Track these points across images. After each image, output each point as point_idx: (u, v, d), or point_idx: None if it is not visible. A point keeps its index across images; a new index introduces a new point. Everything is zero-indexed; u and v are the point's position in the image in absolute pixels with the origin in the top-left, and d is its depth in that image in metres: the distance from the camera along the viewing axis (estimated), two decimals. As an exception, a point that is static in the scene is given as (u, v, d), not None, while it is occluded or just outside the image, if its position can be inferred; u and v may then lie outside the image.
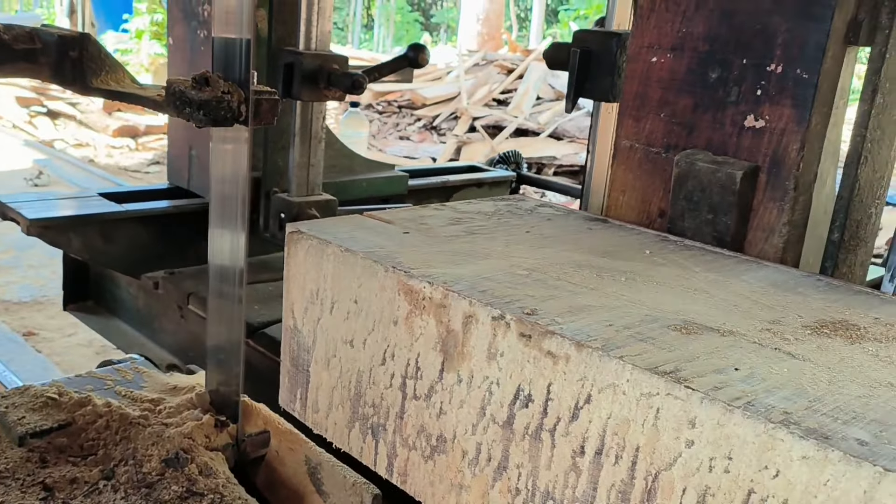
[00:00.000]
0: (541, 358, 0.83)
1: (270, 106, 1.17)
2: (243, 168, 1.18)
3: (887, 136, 1.27)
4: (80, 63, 1.23)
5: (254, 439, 1.29)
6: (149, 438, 1.20)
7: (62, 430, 1.24)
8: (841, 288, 1.06)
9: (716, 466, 0.70)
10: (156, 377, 1.47)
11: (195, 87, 1.10)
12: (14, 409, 1.27)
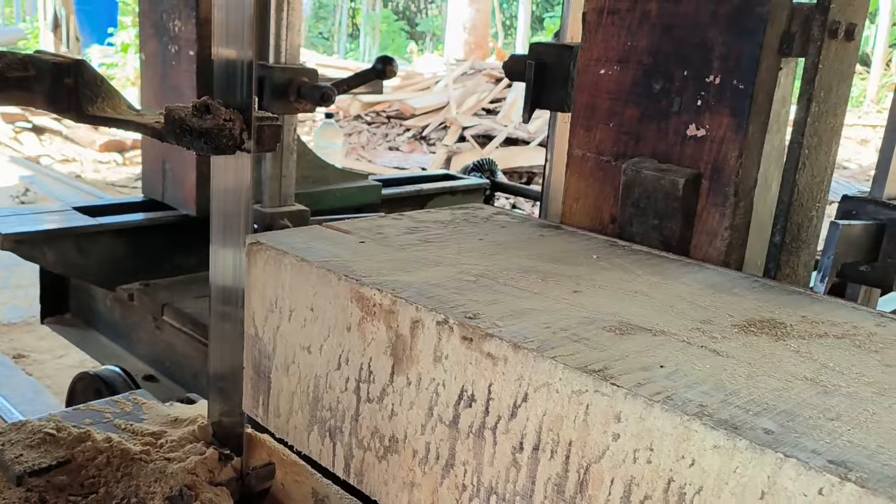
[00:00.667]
0: (482, 359, 0.87)
1: (272, 132, 1.16)
2: (246, 181, 1.15)
3: (825, 143, 1.32)
4: (76, 90, 1.21)
5: (258, 472, 1.26)
6: (151, 475, 1.17)
7: (62, 468, 1.20)
8: (775, 288, 1.11)
9: (639, 458, 0.75)
10: (156, 408, 1.44)
11: (196, 114, 1.08)
12: (11, 446, 1.24)
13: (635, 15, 1.32)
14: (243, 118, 1.10)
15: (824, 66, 1.24)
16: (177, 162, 2.52)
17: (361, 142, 9.98)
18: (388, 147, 9.83)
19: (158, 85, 2.57)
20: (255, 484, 1.25)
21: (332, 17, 23.79)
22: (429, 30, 24.00)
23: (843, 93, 1.32)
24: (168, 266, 2.51)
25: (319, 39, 22.72)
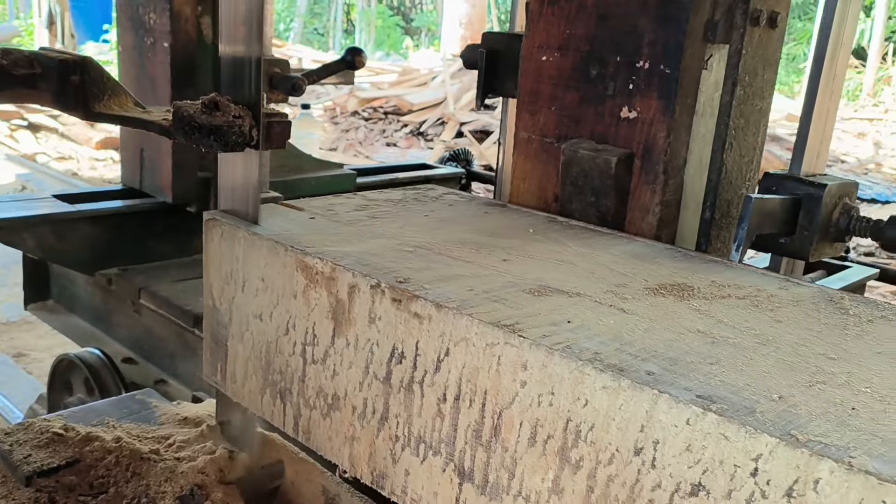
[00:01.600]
0: (410, 319, 0.95)
1: (282, 129, 1.14)
2: (254, 178, 1.15)
3: (752, 124, 1.40)
4: (83, 88, 1.19)
5: (268, 471, 1.25)
6: (161, 474, 1.16)
7: (70, 468, 1.19)
8: (695, 258, 1.19)
9: (542, 401, 0.82)
10: (164, 408, 1.44)
11: (205, 111, 1.06)
12: (19, 446, 1.23)
13: (573, 4, 1.39)
14: (252, 115, 1.08)
15: (747, 52, 1.32)
16: (153, 151, 2.58)
17: (359, 137, 10.03)
18: (385, 143, 9.89)
19: (136, 76, 2.64)
20: (265, 483, 1.24)
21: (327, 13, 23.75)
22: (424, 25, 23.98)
23: (768, 77, 1.40)
24: (145, 252, 2.58)
25: (315, 35, 22.68)
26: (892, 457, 0.63)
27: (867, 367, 0.81)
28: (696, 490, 0.71)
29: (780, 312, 0.97)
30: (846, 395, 0.74)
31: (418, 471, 0.97)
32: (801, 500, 0.65)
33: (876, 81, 14.37)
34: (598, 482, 0.78)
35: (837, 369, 0.81)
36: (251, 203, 1.16)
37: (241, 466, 1.22)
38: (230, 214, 1.21)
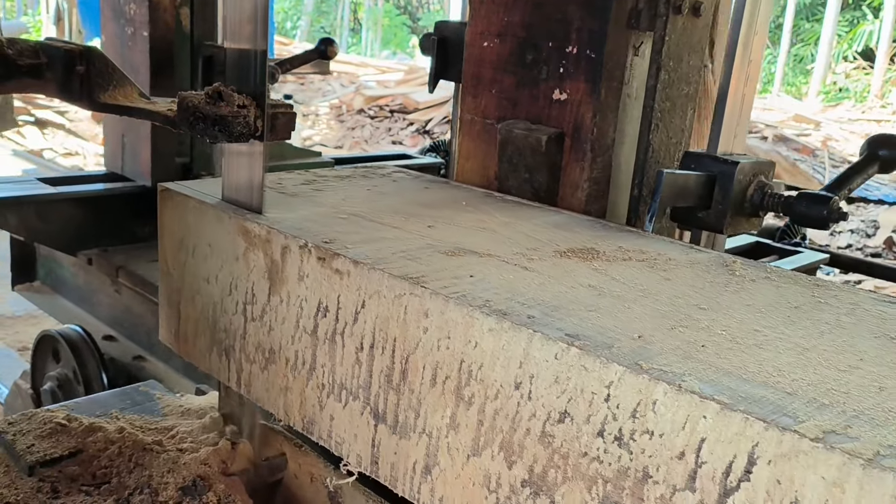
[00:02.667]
0: (332, 275, 1.03)
1: (287, 120, 1.15)
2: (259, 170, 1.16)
3: (678, 107, 1.49)
4: (88, 78, 1.18)
5: (271, 463, 1.25)
6: (164, 465, 1.17)
7: (73, 458, 1.19)
8: (612, 228, 1.27)
9: (441, 345, 0.91)
10: (167, 400, 1.44)
11: (209, 101, 1.06)
12: (22, 436, 1.23)
13: (511, -7, 1.48)
14: (257, 105, 1.08)
15: (671, 39, 1.40)
16: (134, 136, 2.67)
17: (364, 135, 10.10)
18: (391, 141, 9.96)
19: (118, 65, 2.71)
20: (267, 475, 1.24)
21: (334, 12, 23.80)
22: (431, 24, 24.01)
23: (694, 63, 1.48)
24: (126, 233, 2.66)
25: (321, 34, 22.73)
26: (718, 381, 0.72)
27: (732, 316, 0.90)
28: (563, 417, 0.79)
29: (671, 272, 1.05)
30: (701, 336, 0.83)
31: (341, 415, 1.05)
32: (642, 420, 0.73)
33: (884, 83, 14.38)
34: (486, 416, 0.87)
35: (703, 317, 0.89)
36: (255, 194, 1.16)
37: (244, 458, 1.23)
38: (230, 203, 1.21)
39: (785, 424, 0.64)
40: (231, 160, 1.19)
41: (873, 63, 14.91)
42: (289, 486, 1.26)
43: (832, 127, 9.55)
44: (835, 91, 15.36)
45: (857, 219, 7.06)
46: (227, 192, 1.21)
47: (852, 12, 16.99)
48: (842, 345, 0.84)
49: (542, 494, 0.82)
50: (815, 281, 1.06)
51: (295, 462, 1.23)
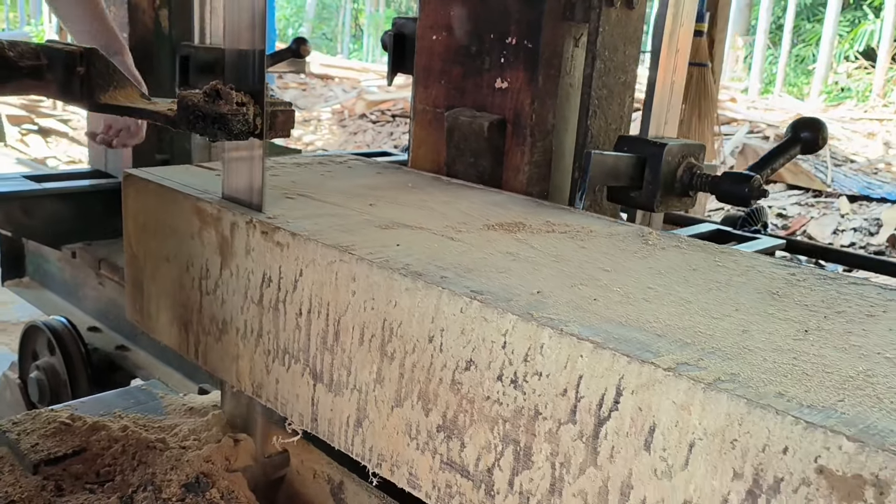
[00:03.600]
0: (274, 248, 1.11)
1: (286, 118, 1.15)
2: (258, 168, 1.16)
3: (616, 95, 1.56)
4: (88, 79, 1.19)
5: (273, 460, 1.26)
6: (167, 462, 1.17)
7: (77, 457, 1.20)
8: (545, 206, 1.35)
9: (367, 306, 0.98)
10: (170, 399, 1.45)
11: (208, 100, 1.06)
12: (26, 435, 1.24)
13: (456, -11, 1.55)
14: (255, 102, 1.09)
15: (605, 30, 1.48)
16: (116, 134, 2.74)
17: (367, 140, 10.16)
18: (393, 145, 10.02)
19: (100, 65, 2.79)
20: (270, 472, 1.24)
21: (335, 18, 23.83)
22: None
23: (630, 53, 1.56)
24: (109, 228, 2.73)
25: (323, 40, 22.76)
26: (598, 326, 0.79)
27: (632, 277, 0.98)
28: (469, 365, 0.87)
29: (588, 242, 1.13)
30: (596, 292, 0.91)
31: (285, 378, 1.13)
32: (532, 363, 0.81)
33: (886, 82, 14.37)
34: (406, 369, 0.95)
35: (605, 277, 0.97)
36: (255, 192, 1.16)
37: (247, 455, 1.23)
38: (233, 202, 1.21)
39: (645, 358, 0.72)
40: (230, 159, 1.19)
41: (875, 62, 14.93)
42: (291, 482, 1.26)
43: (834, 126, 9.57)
44: (836, 91, 15.33)
45: (860, 217, 7.04)
46: (228, 191, 1.21)
47: (853, 12, 16.98)
48: (724, 299, 0.91)
49: (454, 437, 0.90)
50: (721, 249, 1.14)
51: (297, 458, 1.24)
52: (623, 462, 0.74)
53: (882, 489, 0.58)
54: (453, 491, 0.91)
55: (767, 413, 0.64)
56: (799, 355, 0.75)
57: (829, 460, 0.60)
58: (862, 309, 0.91)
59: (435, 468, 0.93)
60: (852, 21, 16.86)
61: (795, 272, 1.04)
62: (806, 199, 7.28)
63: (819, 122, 1.50)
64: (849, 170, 8.10)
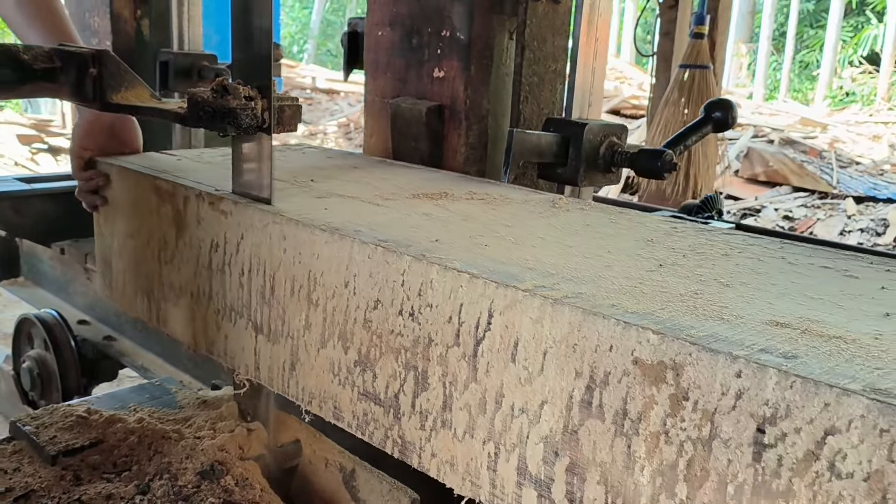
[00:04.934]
0: (220, 216, 1.22)
1: (293, 112, 1.16)
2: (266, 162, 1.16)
3: (547, 82, 1.68)
4: (100, 80, 1.20)
5: (286, 449, 1.27)
6: (182, 452, 1.19)
7: (94, 448, 1.22)
8: (474, 180, 1.47)
9: (295, 261, 1.10)
10: (184, 394, 1.48)
11: (216, 95, 1.07)
12: (45, 428, 1.26)
13: (398, -12, 1.68)
14: (262, 97, 1.10)
15: (532, 22, 1.60)
16: (101, 137, 2.86)
17: None
18: None
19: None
20: (283, 461, 1.26)
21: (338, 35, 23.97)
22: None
23: (559, 44, 1.68)
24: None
25: (328, 56, 22.86)
26: (479, 264, 0.91)
27: (528, 231, 1.09)
28: (377, 304, 0.98)
29: (502, 207, 1.24)
30: (490, 241, 1.02)
31: (231, 333, 1.24)
32: (426, 295, 0.92)
33: (890, 86, 14.36)
34: (328, 313, 1.06)
35: (504, 231, 1.08)
36: (264, 186, 1.16)
37: (260, 444, 1.25)
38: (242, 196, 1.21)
39: (510, 283, 0.83)
40: (239, 154, 1.20)
41: (879, 66, 14.95)
42: (304, 471, 1.28)
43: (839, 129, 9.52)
44: (841, 95, 15.32)
45: (867, 218, 6.93)
46: (237, 187, 1.21)
47: (856, 17, 16.97)
48: (603, 245, 1.03)
49: (368, 370, 1.01)
50: (620, 210, 1.26)
51: (310, 448, 1.26)
52: (496, 375, 0.85)
53: (678, 371, 0.69)
54: (369, 418, 1.02)
55: (598, 318, 0.75)
56: (644, 281, 0.86)
57: (641, 352, 0.72)
58: (721, 250, 1.02)
59: (353, 399, 1.04)
60: (856, 26, 16.83)
61: (678, 226, 1.15)
62: (812, 200, 7.20)
63: (729, 103, 1.61)
64: (854, 171, 8.02)
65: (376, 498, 1.12)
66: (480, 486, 0.89)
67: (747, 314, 0.76)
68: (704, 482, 0.68)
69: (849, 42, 16.43)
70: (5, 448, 1.25)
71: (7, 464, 1.19)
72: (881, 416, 0.58)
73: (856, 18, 17.02)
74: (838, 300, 0.82)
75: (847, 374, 0.62)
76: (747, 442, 0.65)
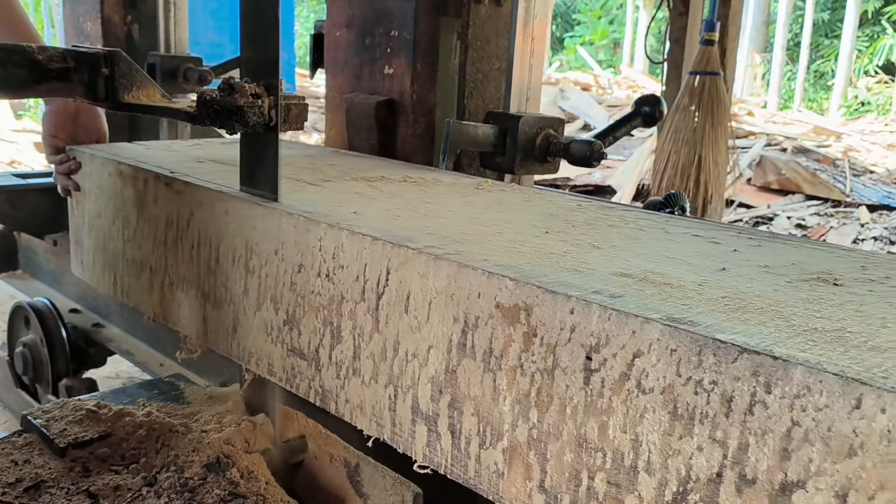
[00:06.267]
0: (173, 195, 1.33)
1: (300, 111, 1.17)
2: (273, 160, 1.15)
3: (491, 79, 1.79)
4: (112, 80, 1.22)
5: (291, 444, 1.28)
6: (189, 445, 1.20)
7: (103, 441, 1.24)
8: (415, 167, 1.57)
9: (237, 233, 1.20)
10: (192, 390, 1.50)
11: (224, 94, 1.08)
12: (55, 422, 1.28)
13: (353, -8, 1.78)
14: (269, 95, 1.10)
15: (475, 23, 1.71)
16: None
17: None
18: None
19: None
20: (288, 456, 1.26)
21: None
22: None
23: (502, 43, 1.78)
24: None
25: None
26: (386, 230, 1.00)
27: (444, 206, 1.19)
28: (300, 268, 1.09)
29: (430, 188, 1.35)
30: (404, 213, 1.12)
31: (183, 302, 1.35)
32: (337, 259, 1.02)
33: None
34: (262, 279, 1.16)
35: (422, 207, 1.18)
36: (271, 183, 1.16)
37: (266, 439, 1.26)
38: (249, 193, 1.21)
39: (404, 244, 0.93)
40: (246, 152, 1.20)
41: (894, 76, 14.84)
42: (309, 466, 1.28)
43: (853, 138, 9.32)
44: (856, 105, 15.16)
45: (880, 226, 6.75)
46: (244, 184, 1.21)
47: (872, 27, 16.81)
48: (506, 217, 1.13)
49: (294, 328, 1.11)
50: (537, 191, 1.36)
51: (315, 444, 1.28)
52: (394, 325, 0.95)
53: (529, 312, 0.79)
54: (295, 371, 1.12)
55: (468, 270, 0.85)
56: (526, 244, 0.96)
57: (501, 297, 0.82)
58: (611, 223, 1.12)
59: (283, 355, 1.14)
60: (871, 36, 16.65)
61: (583, 203, 1.25)
62: (825, 209, 7.03)
63: (657, 98, 1.72)
64: (868, 180, 7.86)
65: (380, 492, 1.14)
66: (384, 425, 0.99)
67: (601, 268, 0.86)
68: (550, 406, 0.78)
69: (864, 52, 16.28)
70: (16, 440, 1.27)
71: (18, 455, 1.22)
72: (671, 338, 0.68)
73: (871, 28, 16.87)
74: (690, 259, 0.92)
75: (655, 308, 0.72)
76: (579, 368, 0.75)
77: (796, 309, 0.74)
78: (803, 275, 0.87)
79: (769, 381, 0.61)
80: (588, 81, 9.92)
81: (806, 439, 0.60)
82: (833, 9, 16.92)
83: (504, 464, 0.84)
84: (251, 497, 1.10)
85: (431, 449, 0.93)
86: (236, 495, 1.10)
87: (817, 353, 0.62)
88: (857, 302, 0.77)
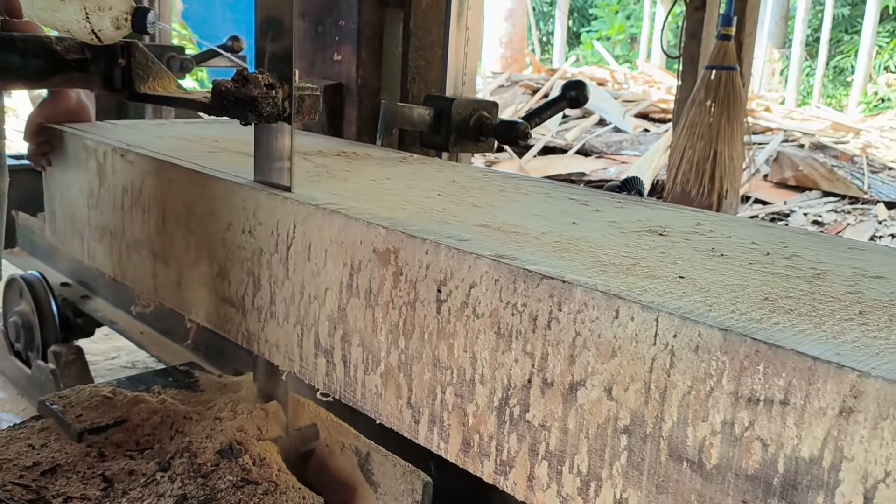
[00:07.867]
0: (128, 165, 1.45)
1: (313, 102, 1.16)
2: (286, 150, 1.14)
3: (433, 66, 1.90)
4: (129, 70, 1.22)
5: (303, 432, 1.29)
6: (202, 431, 1.21)
7: (118, 426, 1.25)
8: (355, 144, 1.69)
9: (180, 198, 1.32)
10: (206, 377, 1.51)
11: (237, 84, 1.08)
12: (71, 407, 1.30)
13: (306, -15, 1.90)
14: (283, 87, 1.10)
15: (416, 14, 1.82)
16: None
17: None
18: None
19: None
20: (300, 444, 1.27)
21: None
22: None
23: (443, 33, 1.89)
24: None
25: None
26: (309, 194, 1.12)
27: (362, 175, 1.31)
28: (229, 226, 1.21)
29: (358, 161, 1.47)
30: (325, 179, 1.24)
31: (137, 263, 1.47)
32: (258, 217, 1.14)
33: None
34: (201, 238, 1.28)
35: (343, 174, 1.31)
36: (284, 173, 1.15)
37: (278, 426, 1.27)
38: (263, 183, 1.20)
39: (309, 202, 1.05)
40: (260, 142, 1.20)
41: None
42: (321, 454, 1.29)
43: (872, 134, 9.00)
44: (876, 101, 14.85)
45: None
46: (258, 175, 1.20)
47: (892, 23, 16.44)
48: (412, 184, 1.25)
49: (225, 280, 1.24)
50: (452, 165, 1.48)
51: (326, 432, 1.28)
52: (300, 272, 1.07)
53: (397, 254, 0.91)
54: (227, 318, 1.25)
55: (355, 221, 0.97)
56: (413, 203, 1.08)
57: (377, 243, 0.94)
58: (502, 190, 1.24)
59: (217, 304, 1.26)
60: (892, 32, 16.25)
61: (488, 174, 1.37)
62: (842, 206, 6.81)
63: (583, 83, 1.83)
64: (886, 176, 7.61)
65: (390, 480, 1.14)
66: (294, 360, 1.11)
67: (468, 220, 0.99)
68: (413, 333, 0.91)
69: (885, 47, 15.94)
70: (34, 425, 1.29)
71: (35, 440, 1.23)
72: (496, 270, 0.80)
73: (892, 24, 16.45)
74: (551, 216, 1.04)
75: (491, 248, 0.84)
76: (433, 300, 0.87)
77: (611, 250, 0.86)
78: (640, 228, 0.99)
79: (560, 300, 0.74)
80: (604, 76, 9.77)
81: (585, 346, 0.72)
82: (853, 4, 16.57)
83: (382, 385, 0.96)
84: (263, 483, 1.10)
85: (329, 378, 1.05)
86: (248, 481, 1.10)
87: (602, 279, 0.74)
88: (667, 246, 0.89)
